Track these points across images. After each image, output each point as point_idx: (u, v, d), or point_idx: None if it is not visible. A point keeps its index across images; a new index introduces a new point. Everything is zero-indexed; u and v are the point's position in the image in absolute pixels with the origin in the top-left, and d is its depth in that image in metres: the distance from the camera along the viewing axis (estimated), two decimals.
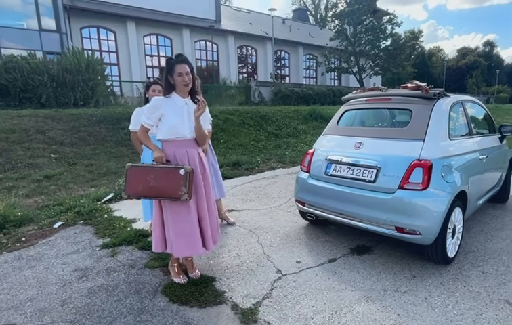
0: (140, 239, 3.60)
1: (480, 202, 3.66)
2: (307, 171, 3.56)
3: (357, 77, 28.14)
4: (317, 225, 3.89)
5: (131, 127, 3.55)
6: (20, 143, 7.46)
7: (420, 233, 2.71)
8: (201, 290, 2.61)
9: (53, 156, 7.42)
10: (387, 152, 3.01)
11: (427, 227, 2.71)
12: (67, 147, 7.91)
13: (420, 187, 2.73)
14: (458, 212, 3.01)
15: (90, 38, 21.64)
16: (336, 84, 31.86)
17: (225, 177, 6.60)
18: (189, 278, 2.78)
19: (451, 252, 2.96)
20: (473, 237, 3.61)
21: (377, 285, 2.68)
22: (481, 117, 4.16)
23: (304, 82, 29.69)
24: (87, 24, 21.06)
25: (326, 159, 3.39)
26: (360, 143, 3.21)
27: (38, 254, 3.31)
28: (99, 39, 22.13)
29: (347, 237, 3.56)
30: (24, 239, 3.73)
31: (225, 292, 2.61)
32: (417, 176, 2.76)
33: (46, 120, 8.63)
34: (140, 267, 3.02)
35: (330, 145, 3.52)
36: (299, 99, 18.48)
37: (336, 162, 3.29)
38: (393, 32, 27.85)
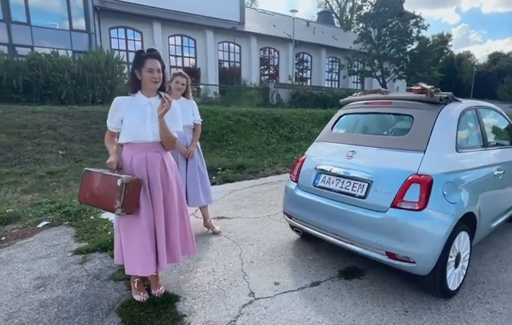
0: None
1: (494, 224, 3.16)
2: (296, 181, 3.22)
3: (381, 81, 27.11)
4: (308, 240, 3.52)
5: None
6: (31, 139, 7.57)
7: (414, 262, 2.31)
8: (159, 312, 2.35)
9: (60, 152, 7.47)
10: (382, 163, 2.62)
11: (423, 254, 2.30)
12: (76, 144, 7.96)
13: (417, 207, 2.32)
14: (463, 237, 2.57)
15: (118, 38, 22.27)
16: (358, 88, 30.91)
17: (226, 181, 6.36)
18: (151, 296, 2.53)
19: (453, 284, 2.52)
20: (484, 264, 3.12)
21: (360, 320, 2.30)
22: (500, 126, 3.63)
23: (326, 85, 29.01)
24: (116, 25, 21.67)
25: (315, 168, 3.04)
26: (353, 152, 2.84)
27: (8, 256, 3.18)
28: (126, 39, 22.73)
29: (338, 257, 3.18)
30: (3, 238, 3.63)
31: (185, 316, 2.33)
32: (413, 193, 2.35)
33: (59, 117, 8.76)
34: (105, 279, 2.80)
35: (321, 153, 3.16)
36: (317, 102, 17.94)
37: (326, 172, 2.93)
38: (420, 35, 26.58)
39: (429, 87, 2.78)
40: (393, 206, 2.39)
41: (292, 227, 3.40)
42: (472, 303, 2.50)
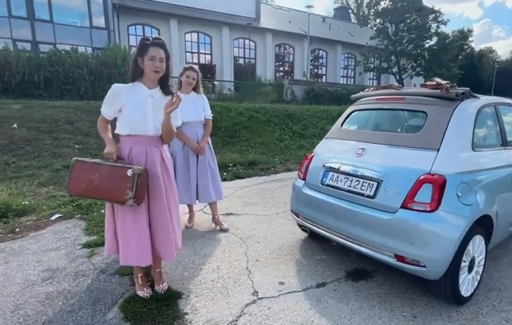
0: None
1: None
2: (304, 178, 3.14)
3: (397, 77, 26.38)
4: (316, 239, 3.44)
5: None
6: (49, 133, 7.77)
7: (424, 266, 2.20)
8: (161, 309, 2.34)
9: (77, 146, 7.63)
10: (392, 162, 2.51)
11: (434, 258, 2.19)
12: (92, 139, 8.10)
13: (428, 209, 2.21)
14: (478, 241, 2.43)
15: (136, 35, 22.60)
16: (374, 85, 30.24)
17: (236, 177, 6.34)
18: (154, 292, 2.52)
19: (466, 290, 2.40)
20: (501, 270, 2.96)
21: (366, 324, 2.22)
22: None
23: (341, 82, 28.53)
24: (134, 22, 22.02)
25: (323, 166, 2.95)
26: (363, 149, 2.74)
27: (20, 248, 3.26)
28: (144, 36, 23.02)
29: (346, 258, 3.09)
30: (17, 230, 3.72)
31: (186, 313, 2.31)
32: (425, 194, 2.24)
33: (76, 112, 8.95)
34: (111, 273, 2.82)
35: (330, 151, 3.07)
36: (332, 98, 17.68)
37: (334, 170, 2.84)
38: (439, 30, 25.64)
39: (444, 82, 2.65)
40: (404, 206, 2.29)
41: (300, 225, 3.33)
42: (486, 311, 2.37)
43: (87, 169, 2.22)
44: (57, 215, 4.15)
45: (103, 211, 4.31)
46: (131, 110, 2.25)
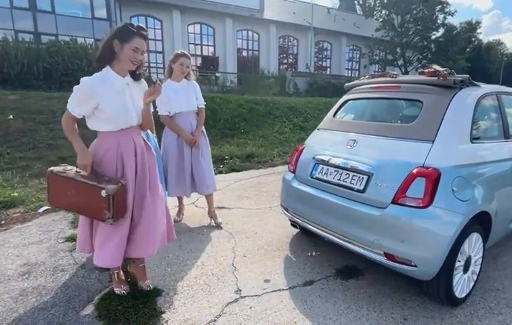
0: None
1: None
2: (293, 171, 3.00)
3: (403, 70, 25.93)
4: (308, 234, 3.31)
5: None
6: (45, 124, 7.69)
7: (415, 265, 2.06)
8: (138, 307, 2.22)
9: None
10: (384, 154, 2.36)
11: (426, 258, 2.04)
12: (87, 130, 8.00)
13: (420, 205, 2.06)
14: (475, 239, 2.28)
15: None
16: None
17: (232, 170, 6.21)
18: (137, 288, 2.41)
19: (461, 291, 2.25)
20: (500, 269, 2.80)
21: None
22: None
23: (345, 74, 28.13)
24: (136, 13, 21.85)
25: (313, 158, 2.81)
26: (354, 141, 2.58)
27: (2, 241, 3.17)
28: (146, 27, 22.77)
29: (337, 254, 2.95)
30: (3, 222, 3.65)
31: (163, 312, 2.20)
32: (417, 189, 2.09)
33: None
34: (90, 268, 2.71)
35: (321, 142, 2.92)
36: (335, 91, 17.39)
37: (324, 162, 2.69)
38: (446, 21, 25.07)
39: (442, 69, 2.48)
40: (394, 202, 2.14)
41: (290, 220, 3.20)
42: (482, 313, 2.22)
43: (62, 183, 2.11)
44: (45, 207, 4.07)
45: None
46: (111, 105, 2.05)
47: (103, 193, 1.97)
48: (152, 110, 3.60)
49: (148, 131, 3.47)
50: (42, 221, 3.72)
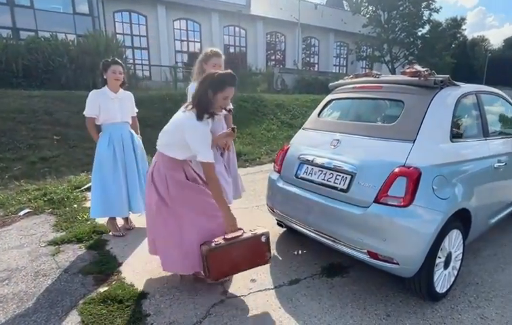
0: (93, 236, 3.28)
1: (493, 220, 2.91)
2: (279, 171, 3.01)
3: (390, 66, 26.28)
4: (295, 233, 3.31)
5: (86, 113, 3.21)
6: (26, 124, 7.47)
7: (397, 263, 2.10)
8: (123, 310, 2.20)
9: (55, 137, 7.36)
10: (367, 154, 2.39)
11: (407, 256, 2.09)
12: (71, 130, 7.83)
13: (402, 203, 2.10)
14: (455, 236, 2.34)
15: (122, 22, 21.92)
16: None
17: None
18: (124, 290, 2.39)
19: (442, 286, 2.31)
20: (480, 263, 2.89)
21: (336, 324, 2.12)
22: (505, 114, 3.33)
23: (333, 71, 28.31)
24: (120, 8, 21.31)
25: (298, 158, 2.82)
26: (338, 141, 2.61)
27: None
28: (130, 23, 22.39)
29: (323, 253, 2.98)
30: None
31: (149, 315, 2.18)
32: (399, 188, 2.13)
33: (55, 102, 8.64)
34: (74, 272, 2.67)
35: (306, 142, 2.94)
36: (323, 87, 17.45)
37: (309, 162, 2.71)
38: (431, 18, 25.53)
39: (423, 69, 2.52)
40: (376, 201, 2.17)
41: (277, 220, 3.21)
42: (462, 307, 2.29)
43: (224, 254, 2.25)
44: (26, 210, 3.97)
45: (75, 206, 4.14)
46: None
47: (263, 238, 2.35)
48: (137, 110, 3.57)
49: (133, 131, 3.43)
50: (23, 224, 3.63)
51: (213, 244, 2.22)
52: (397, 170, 2.17)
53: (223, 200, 2.26)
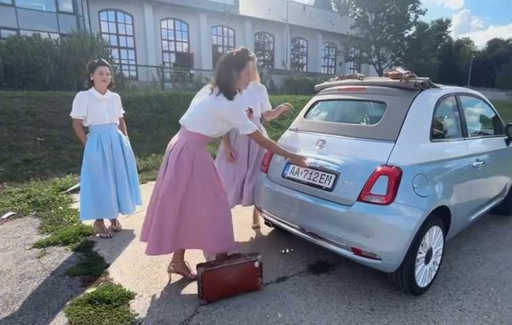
0: (79, 238, 3.25)
1: (473, 217, 3.03)
2: (266, 171, 3.06)
3: (377, 67, 26.74)
4: (282, 232, 3.38)
5: (73, 114, 3.18)
6: (7, 125, 7.30)
7: (380, 259, 2.17)
8: (111, 311, 2.21)
9: (39, 139, 7.23)
10: (351, 154, 2.46)
11: (389, 252, 2.16)
12: (55, 131, 7.71)
13: (384, 201, 2.17)
14: (436, 232, 2.43)
15: (108, 21, 21.63)
16: None
17: None
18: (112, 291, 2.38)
19: (423, 280, 2.40)
20: (460, 258, 3.01)
21: (322, 318, 2.18)
22: (483, 115, 3.47)
23: (322, 72, 28.61)
24: (106, 7, 21.02)
25: (285, 158, 2.87)
26: (323, 141, 2.67)
27: None
28: (116, 23, 22.12)
29: (310, 250, 3.05)
30: None
31: (137, 315, 2.19)
32: (381, 186, 2.20)
33: (38, 102, 8.47)
34: (60, 274, 2.65)
35: (292, 142, 2.99)
36: (311, 88, 17.63)
37: None
38: (417, 20, 26.13)
39: (404, 71, 2.61)
40: (360, 199, 2.24)
41: (265, 219, 3.26)
42: (442, 301, 2.38)
43: (219, 275, 2.32)
44: (10, 213, 3.90)
45: (61, 208, 4.09)
46: None
47: (256, 264, 2.40)
48: (123, 111, 3.56)
49: (121, 132, 3.43)
50: (6, 227, 3.57)
51: (209, 265, 2.33)
52: (379, 169, 2.24)
53: (282, 150, 2.55)
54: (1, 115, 7.48)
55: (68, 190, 4.69)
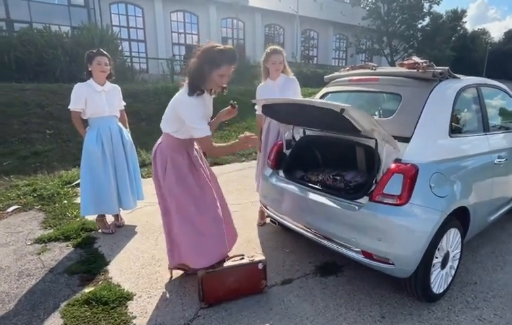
0: (81, 234, 3.19)
1: (493, 217, 2.83)
2: (272, 167, 2.92)
3: (389, 59, 26.09)
4: (288, 230, 3.23)
5: (72, 107, 3.09)
6: (17, 117, 7.35)
7: (393, 263, 2.02)
8: (108, 313, 2.12)
9: (48, 131, 7.24)
10: None
11: (403, 256, 2.00)
12: (64, 124, 7.68)
13: (398, 202, 2.01)
14: (453, 234, 2.25)
15: (119, 14, 21.67)
16: None
17: (215, 163, 6.09)
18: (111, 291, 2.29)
19: (438, 286, 2.23)
20: (478, 261, 2.81)
21: None
22: (507, 108, 3.23)
23: (332, 64, 28.09)
24: (116, 0, 21.00)
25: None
26: None
27: None
28: (127, 15, 22.16)
29: (318, 251, 2.90)
30: None
31: (134, 317, 2.10)
32: (395, 186, 2.03)
33: (48, 95, 8.51)
34: (59, 272, 2.58)
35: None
36: (321, 81, 17.30)
37: None
38: (431, 10, 25.29)
39: (421, 61, 2.42)
40: (371, 199, 2.08)
41: (270, 217, 3.12)
42: (459, 308, 2.21)
43: (219, 278, 2.19)
44: (15, 207, 3.87)
45: (65, 202, 4.05)
46: None
47: (260, 266, 2.27)
48: (124, 103, 3.46)
49: (121, 125, 3.33)
50: (10, 221, 3.53)
51: (209, 268, 2.18)
52: (393, 166, 2.07)
53: (229, 148, 2.30)
54: (12, 107, 7.52)
55: (74, 184, 4.65)
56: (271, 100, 2.48)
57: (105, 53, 3.12)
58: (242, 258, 2.31)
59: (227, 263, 2.25)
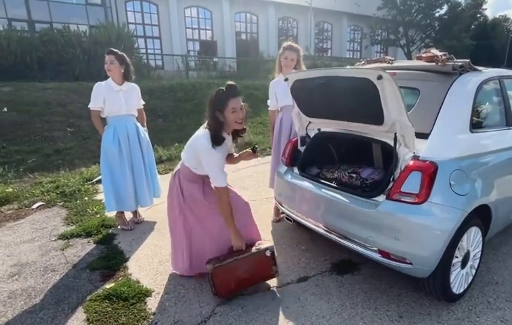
0: (101, 230, 3.28)
1: None
2: (287, 164, 2.91)
3: (405, 50, 25.32)
4: (304, 227, 3.23)
5: (91, 105, 3.18)
6: (40, 116, 7.59)
7: (411, 263, 1.98)
8: (128, 308, 2.19)
9: (68, 129, 7.47)
10: None
11: (421, 256, 1.97)
12: (84, 121, 7.90)
13: (416, 200, 1.97)
14: (474, 233, 2.19)
15: (134, 11, 21.95)
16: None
17: None
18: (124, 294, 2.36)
19: (458, 286, 2.18)
20: (500, 260, 2.73)
21: None
22: None
23: (347, 56, 27.56)
24: None
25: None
26: None
27: None
28: (142, 12, 22.42)
29: (333, 248, 2.89)
30: None
31: (153, 313, 2.16)
32: (413, 183, 1.99)
33: (68, 94, 8.76)
34: (82, 267, 2.68)
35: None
36: None
37: None
38: None
39: (440, 53, 2.34)
40: (389, 197, 2.05)
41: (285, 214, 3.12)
42: (480, 309, 2.16)
43: (229, 270, 2.22)
44: (39, 203, 4.03)
45: (86, 198, 4.17)
46: None
47: (268, 253, 2.30)
48: (143, 102, 3.51)
49: (138, 124, 3.39)
50: (35, 217, 3.68)
51: (218, 261, 2.23)
52: (411, 163, 2.03)
53: (231, 220, 2.26)
54: (35, 106, 7.78)
55: (94, 180, 4.78)
56: (303, 74, 2.45)
57: (115, 51, 3.14)
58: (248, 248, 2.33)
59: (233, 255, 2.27)
